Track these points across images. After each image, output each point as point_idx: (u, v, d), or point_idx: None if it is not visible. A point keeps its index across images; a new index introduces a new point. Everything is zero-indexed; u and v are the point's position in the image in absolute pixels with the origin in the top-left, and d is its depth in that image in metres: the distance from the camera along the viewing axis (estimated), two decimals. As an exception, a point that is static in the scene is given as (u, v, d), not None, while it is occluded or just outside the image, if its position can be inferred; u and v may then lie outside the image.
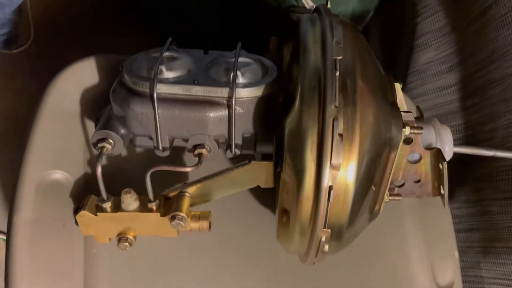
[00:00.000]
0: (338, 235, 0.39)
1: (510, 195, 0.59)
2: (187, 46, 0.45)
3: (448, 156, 0.46)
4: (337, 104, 0.34)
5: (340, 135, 0.34)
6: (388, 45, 0.94)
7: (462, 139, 0.69)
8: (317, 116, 0.35)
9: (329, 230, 0.37)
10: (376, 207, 0.44)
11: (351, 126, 0.35)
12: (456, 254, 0.62)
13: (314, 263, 0.42)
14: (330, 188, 0.35)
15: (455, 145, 0.48)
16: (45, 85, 0.52)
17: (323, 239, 0.37)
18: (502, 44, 0.59)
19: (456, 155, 0.70)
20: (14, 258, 0.43)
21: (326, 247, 0.38)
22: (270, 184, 0.43)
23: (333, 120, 0.34)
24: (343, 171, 0.35)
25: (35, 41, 0.87)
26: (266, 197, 0.52)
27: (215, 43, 0.90)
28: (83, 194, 0.46)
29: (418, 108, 0.50)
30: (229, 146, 0.43)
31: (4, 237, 0.87)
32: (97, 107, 0.49)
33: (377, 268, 0.56)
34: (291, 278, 0.52)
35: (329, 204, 0.35)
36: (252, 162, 0.42)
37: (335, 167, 0.34)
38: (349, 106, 0.35)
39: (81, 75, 0.50)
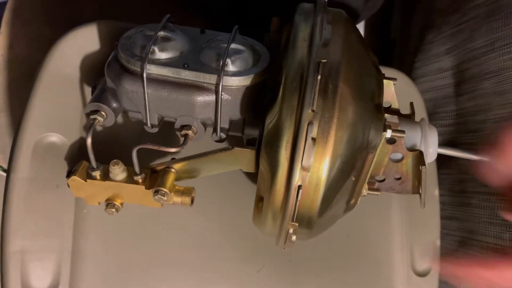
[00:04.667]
0: (308, 225, 0.41)
1: (490, 190, 0.60)
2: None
3: (431, 157, 0.47)
4: (314, 109, 0.35)
5: (314, 139, 0.35)
6: (408, 19, 0.91)
7: (454, 126, 0.69)
8: (294, 118, 0.36)
9: (297, 224, 0.39)
10: (352, 201, 0.45)
11: (327, 130, 0.36)
12: (438, 242, 0.63)
13: (284, 248, 0.44)
14: (299, 187, 0.36)
15: (441, 145, 0.48)
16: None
17: (291, 231, 0.39)
18: (507, 35, 0.57)
19: (445, 141, 0.70)
20: (10, 212, 0.47)
21: (294, 238, 0.40)
22: (251, 170, 0.45)
23: (308, 124, 0.35)
24: (315, 172, 0.37)
25: (52, -14, 0.86)
26: (255, 178, 0.54)
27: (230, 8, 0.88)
28: (78, 158, 0.49)
29: (411, 104, 0.50)
30: (215, 129, 0.45)
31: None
32: (97, 74, 0.50)
33: (357, 250, 0.59)
34: (270, 252, 0.55)
35: (298, 201, 0.37)
36: (235, 148, 0.43)
37: (305, 169, 0.36)
38: (327, 111, 0.36)
39: (83, 41, 0.51)
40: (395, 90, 0.48)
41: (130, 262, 0.51)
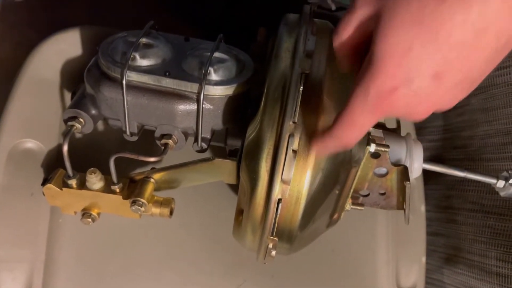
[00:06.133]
0: (288, 239, 0.40)
1: (476, 207, 0.59)
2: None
3: (416, 173, 0.46)
4: (295, 120, 0.34)
5: (294, 151, 0.34)
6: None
7: (441, 141, 0.69)
8: (276, 130, 0.35)
9: (276, 239, 0.38)
10: (336, 215, 0.44)
11: (309, 143, 0.35)
12: (424, 259, 0.63)
13: (264, 263, 0.43)
14: (279, 201, 0.35)
15: (427, 161, 0.47)
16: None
17: (270, 245, 0.38)
18: None
19: (432, 157, 0.69)
20: (-19, 220, 0.45)
21: (273, 253, 0.39)
22: (233, 181, 0.44)
23: (289, 136, 0.34)
24: (295, 185, 0.36)
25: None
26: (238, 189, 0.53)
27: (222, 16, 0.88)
28: (55, 165, 0.47)
29: (397, 120, 0.49)
30: (196, 139, 0.43)
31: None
32: (77, 79, 0.49)
33: (341, 265, 0.58)
34: (252, 266, 0.53)
35: (277, 215, 0.36)
36: (216, 159, 0.42)
37: (285, 182, 0.35)
38: (309, 123, 0.35)
39: (65, 45, 0.50)
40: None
41: (106, 275, 0.49)
